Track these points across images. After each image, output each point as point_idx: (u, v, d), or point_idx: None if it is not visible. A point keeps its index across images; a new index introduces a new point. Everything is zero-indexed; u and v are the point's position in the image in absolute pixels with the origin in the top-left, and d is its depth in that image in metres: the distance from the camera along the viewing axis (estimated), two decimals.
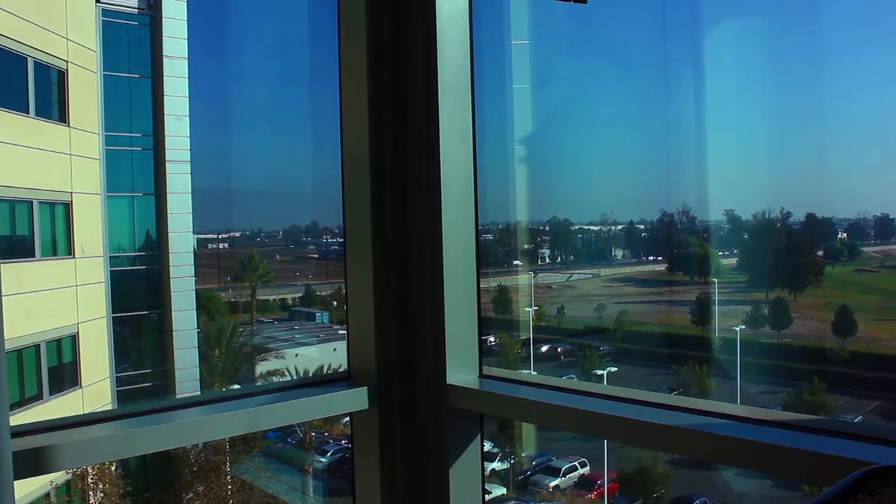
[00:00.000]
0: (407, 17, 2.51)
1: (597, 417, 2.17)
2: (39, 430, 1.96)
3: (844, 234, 18.06)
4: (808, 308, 17.28)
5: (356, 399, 2.49)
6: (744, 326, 16.67)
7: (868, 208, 17.87)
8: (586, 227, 20.94)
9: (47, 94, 14.21)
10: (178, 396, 13.68)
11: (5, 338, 1.68)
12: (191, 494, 15.07)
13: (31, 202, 13.73)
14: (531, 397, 2.39)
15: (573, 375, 17.12)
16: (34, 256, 13.84)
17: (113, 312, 15.98)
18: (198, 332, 17.73)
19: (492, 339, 18.32)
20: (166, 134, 16.78)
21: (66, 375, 14.42)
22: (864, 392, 15.41)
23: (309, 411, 2.59)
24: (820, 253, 18.01)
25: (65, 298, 14.36)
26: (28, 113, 13.59)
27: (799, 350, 16.48)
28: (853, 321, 16.06)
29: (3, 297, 1.73)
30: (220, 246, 21.65)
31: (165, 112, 16.76)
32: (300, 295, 21.87)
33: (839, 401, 15.25)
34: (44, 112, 14.07)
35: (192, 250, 17.82)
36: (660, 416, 2.04)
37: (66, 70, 14.31)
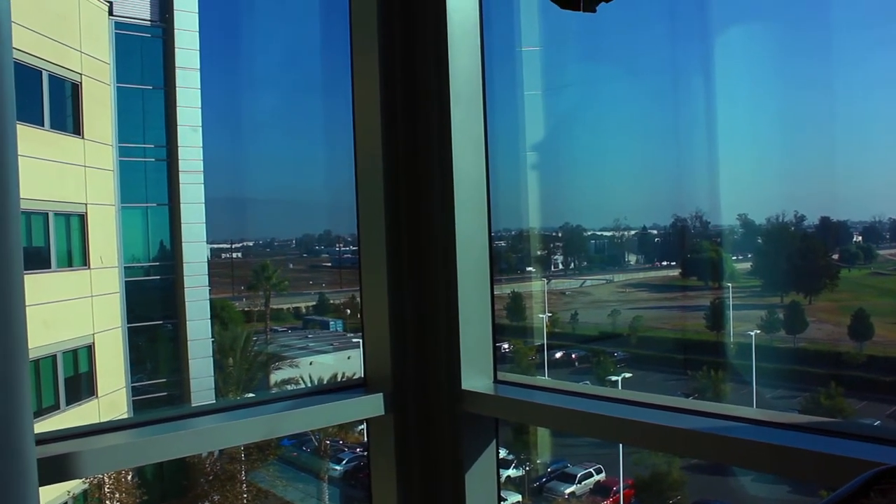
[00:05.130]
0: (418, 25, 2.54)
1: (612, 421, 2.17)
2: (62, 438, 1.98)
3: (859, 238, 17.93)
4: (823, 312, 17.16)
5: (372, 405, 2.50)
6: (759, 331, 16.57)
7: (883, 211, 17.77)
8: (599, 233, 20.90)
9: (62, 107, 14.35)
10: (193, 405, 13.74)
11: None
12: (206, 503, 15.12)
13: (47, 214, 13.85)
14: (546, 402, 2.39)
15: (587, 381, 17.06)
16: (50, 268, 13.95)
17: (128, 322, 16.07)
18: (212, 342, 17.80)
19: (506, 345, 18.29)
20: (179, 144, 16.91)
21: (82, 385, 14.51)
22: (883, 396, 15.29)
23: (325, 418, 2.60)
24: (835, 256, 17.89)
25: (80, 309, 14.47)
26: (43, 126, 13.72)
27: (815, 354, 16.35)
28: (869, 325, 15.93)
29: None
30: (234, 255, 21.75)
31: (178, 123, 16.89)
32: (314, 303, 21.92)
33: (857, 405, 15.13)
34: (58, 124, 14.21)
35: (205, 260, 17.92)
36: (675, 420, 2.04)
37: (80, 83, 14.45)
